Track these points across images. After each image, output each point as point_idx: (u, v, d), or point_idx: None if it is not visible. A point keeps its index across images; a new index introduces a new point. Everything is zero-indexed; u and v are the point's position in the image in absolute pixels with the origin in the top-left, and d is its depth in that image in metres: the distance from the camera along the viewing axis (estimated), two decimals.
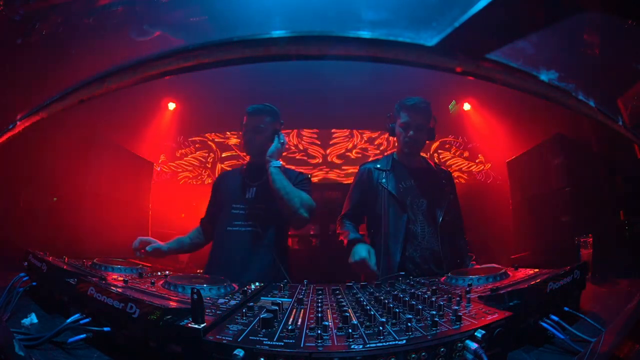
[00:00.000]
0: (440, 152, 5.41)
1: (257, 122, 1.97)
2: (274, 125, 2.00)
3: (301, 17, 0.65)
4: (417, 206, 1.84)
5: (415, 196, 1.85)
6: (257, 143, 1.96)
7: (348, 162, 5.43)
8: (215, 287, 1.11)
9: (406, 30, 0.58)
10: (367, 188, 1.92)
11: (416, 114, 1.84)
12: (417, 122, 1.84)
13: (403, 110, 1.87)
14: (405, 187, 1.87)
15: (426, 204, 1.85)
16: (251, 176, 2.02)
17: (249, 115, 2.00)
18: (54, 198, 2.89)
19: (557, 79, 0.62)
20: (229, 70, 3.11)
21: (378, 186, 1.88)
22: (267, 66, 3.31)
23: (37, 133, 2.59)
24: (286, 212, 1.81)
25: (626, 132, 0.71)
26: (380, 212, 1.83)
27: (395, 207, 1.82)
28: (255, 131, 1.97)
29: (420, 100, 1.86)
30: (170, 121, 4.53)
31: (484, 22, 0.53)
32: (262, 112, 1.99)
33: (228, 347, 0.66)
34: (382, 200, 1.83)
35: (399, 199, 1.82)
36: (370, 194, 1.90)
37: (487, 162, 5.22)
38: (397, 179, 1.88)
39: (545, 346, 0.87)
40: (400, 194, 1.84)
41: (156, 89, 4.03)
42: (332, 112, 4.81)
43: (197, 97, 4.24)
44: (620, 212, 2.56)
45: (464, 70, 0.62)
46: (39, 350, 0.81)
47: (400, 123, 1.88)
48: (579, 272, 1.04)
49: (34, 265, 1.14)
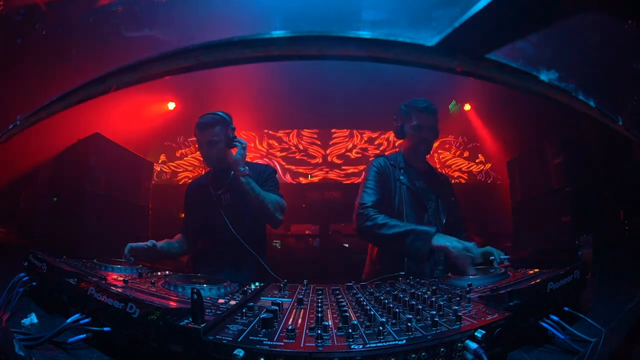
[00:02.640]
0: (440, 152, 5.41)
1: (209, 135, 1.98)
2: (227, 132, 2.01)
3: (301, 17, 0.65)
4: (428, 207, 1.87)
5: (426, 197, 1.88)
6: (215, 155, 2.00)
7: (348, 162, 5.43)
8: (215, 287, 1.11)
9: (406, 30, 0.58)
10: (385, 181, 1.87)
11: (429, 116, 1.88)
12: (430, 123, 1.88)
13: (415, 112, 1.89)
14: (418, 186, 1.88)
15: (433, 205, 1.88)
16: (219, 185, 2.06)
17: (199, 129, 2.00)
18: (54, 198, 2.89)
19: (557, 79, 0.62)
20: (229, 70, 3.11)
21: (396, 182, 1.85)
22: (267, 66, 3.31)
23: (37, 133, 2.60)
24: (262, 217, 1.95)
25: (626, 132, 0.71)
26: (400, 208, 1.80)
27: (416, 206, 1.83)
28: (209, 144, 1.99)
29: (429, 102, 1.90)
30: (170, 121, 4.53)
31: (484, 22, 0.53)
32: (211, 124, 1.99)
33: (228, 347, 0.66)
34: (402, 198, 1.81)
35: (419, 197, 1.83)
36: (387, 189, 1.85)
37: (487, 162, 5.22)
38: (411, 177, 1.89)
39: (545, 346, 0.87)
40: (417, 189, 1.85)
41: (156, 89, 4.03)
42: (332, 112, 4.82)
43: (197, 97, 4.24)
44: (620, 212, 2.56)
45: (464, 70, 0.62)
46: (39, 350, 0.81)
47: (413, 125, 1.89)
48: (579, 272, 1.04)
49: (34, 265, 1.14)
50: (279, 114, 4.82)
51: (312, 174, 5.37)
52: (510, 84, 0.64)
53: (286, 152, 5.37)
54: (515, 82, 0.63)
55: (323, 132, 5.46)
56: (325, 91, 4.05)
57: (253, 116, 4.92)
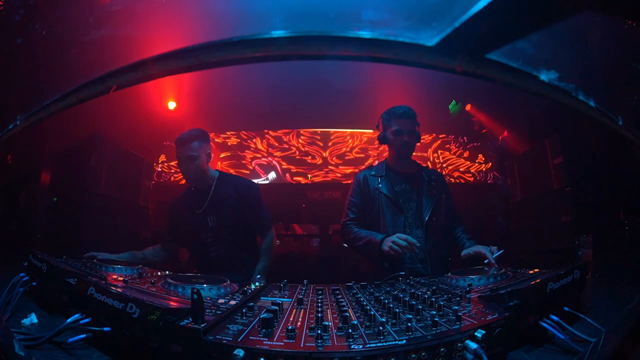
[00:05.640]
0: (440, 152, 5.41)
1: (188, 151, 2.02)
2: (205, 147, 2.08)
3: (301, 17, 0.65)
4: (408, 209, 1.99)
5: (407, 199, 2.01)
6: (193, 170, 2.05)
7: (348, 162, 5.43)
8: (215, 287, 1.11)
9: (406, 30, 0.58)
10: (365, 194, 2.06)
11: (407, 121, 2.01)
12: (409, 127, 2.01)
13: (394, 119, 2.03)
14: (398, 190, 2.02)
15: (415, 206, 2.00)
16: (201, 203, 2.10)
17: (177, 145, 2.06)
18: (54, 198, 2.89)
19: (557, 79, 0.62)
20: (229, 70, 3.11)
21: (375, 191, 2.03)
22: (267, 66, 3.30)
23: (37, 133, 2.60)
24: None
25: (626, 132, 0.71)
26: (378, 215, 1.98)
27: (393, 210, 1.98)
28: (187, 160, 2.03)
29: (408, 107, 2.04)
30: (170, 121, 4.52)
31: (484, 22, 0.53)
32: (189, 139, 2.04)
33: (228, 347, 0.66)
34: (380, 204, 1.98)
35: (395, 202, 1.98)
36: (368, 200, 2.04)
37: (487, 162, 5.22)
38: (392, 183, 2.04)
39: (545, 346, 0.87)
40: (395, 196, 1.99)
41: (156, 89, 4.03)
42: (332, 112, 4.81)
43: (197, 97, 4.23)
44: (620, 212, 2.56)
45: (464, 70, 0.62)
46: (39, 350, 0.81)
47: (393, 130, 2.02)
48: (579, 272, 1.04)
49: (34, 265, 1.14)
50: (279, 114, 4.81)
51: (311, 174, 5.37)
52: (510, 84, 0.64)
53: (286, 152, 5.38)
54: (515, 82, 0.63)
55: (323, 132, 5.46)
56: (325, 91, 4.05)
57: (253, 116, 4.92)
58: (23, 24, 0.81)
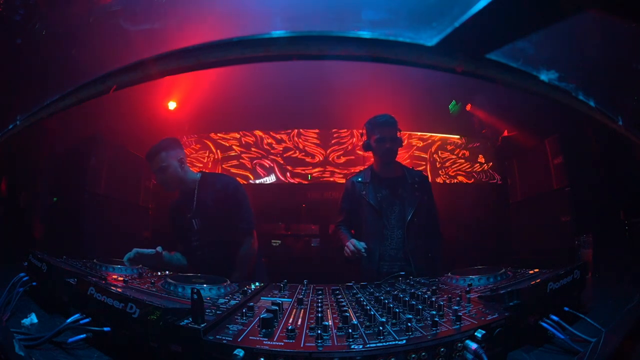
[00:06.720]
0: (440, 152, 5.41)
1: (156, 164, 2.03)
2: (174, 155, 2.07)
3: (301, 17, 0.65)
4: (390, 212, 2.12)
5: (389, 203, 2.14)
6: (169, 180, 2.06)
7: (348, 162, 5.43)
8: (215, 287, 1.11)
9: (406, 30, 0.58)
10: (353, 199, 2.21)
11: (389, 128, 2.14)
12: (391, 134, 2.14)
13: (377, 127, 2.16)
14: (381, 196, 2.16)
15: (398, 209, 2.13)
16: (189, 207, 2.11)
17: (148, 161, 2.07)
18: (54, 198, 2.89)
19: (557, 79, 0.62)
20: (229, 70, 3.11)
21: (360, 198, 2.18)
22: (268, 66, 3.30)
23: (37, 133, 2.59)
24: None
25: (626, 132, 0.71)
26: (362, 218, 2.15)
27: (373, 215, 2.12)
28: (159, 172, 2.04)
29: (389, 116, 2.18)
30: (170, 121, 4.52)
31: (484, 22, 0.53)
32: (155, 153, 2.04)
33: (228, 347, 0.66)
34: (364, 209, 2.14)
35: (376, 208, 2.12)
36: (355, 204, 2.20)
37: (487, 162, 5.22)
38: (375, 189, 2.18)
39: (545, 346, 0.87)
40: (377, 203, 2.14)
41: (156, 89, 4.02)
42: (332, 112, 4.81)
43: (197, 97, 4.23)
44: (620, 212, 2.56)
45: (464, 70, 0.62)
46: (39, 350, 0.81)
47: (376, 138, 2.15)
48: (579, 272, 1.04)
49: (34, 265, 1.14)
50: (279, 114, 4.81)
51: (311, 174, 5.36)
52: (510, 84, 0.64)
53: (286, 152, 5.38)
54: (515, 82, 0.63)
55: (323, 132, 5.46)
56: (325, 91, 4.05)
57: (253, 116, 4.92)
58: (23, 24, 0.81)
